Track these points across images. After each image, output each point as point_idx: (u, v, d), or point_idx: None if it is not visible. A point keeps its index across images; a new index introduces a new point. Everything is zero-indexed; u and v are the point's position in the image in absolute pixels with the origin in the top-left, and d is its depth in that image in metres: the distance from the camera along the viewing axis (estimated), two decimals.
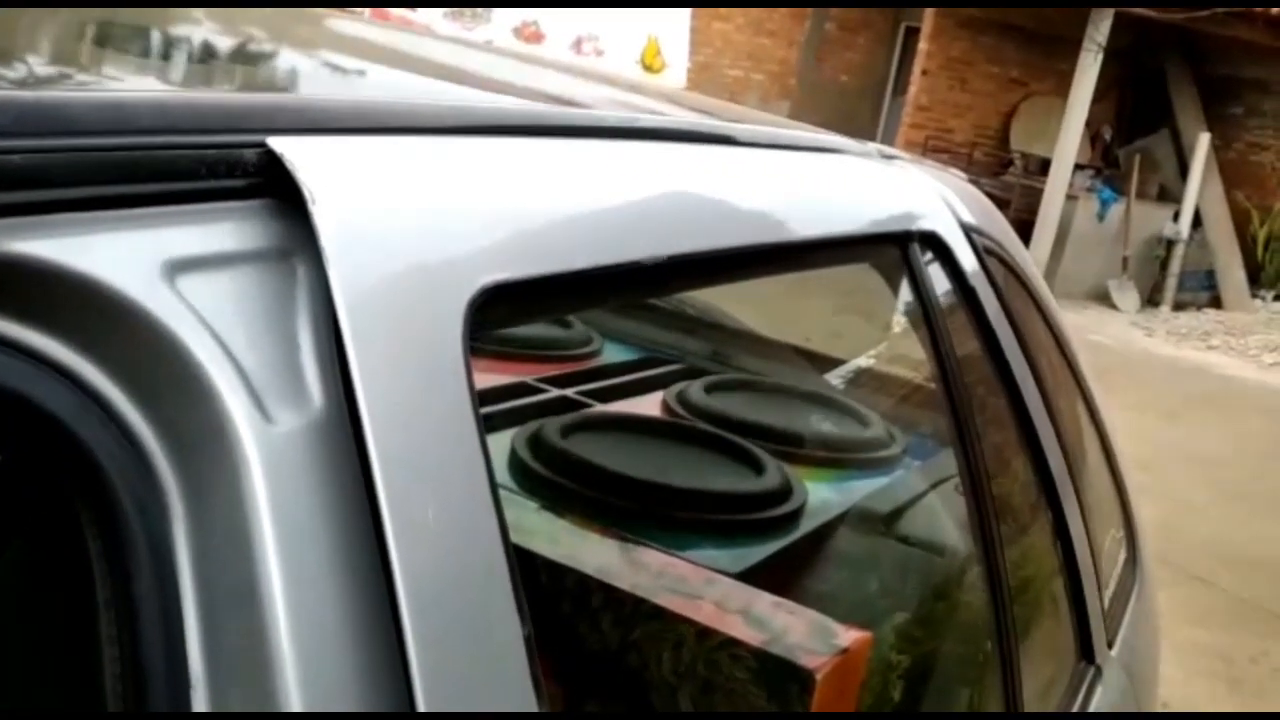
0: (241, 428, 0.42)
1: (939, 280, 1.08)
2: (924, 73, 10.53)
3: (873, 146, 1.19)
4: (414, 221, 0.50)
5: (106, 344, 0.42)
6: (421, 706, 0.43)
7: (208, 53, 0.73)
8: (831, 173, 1.01)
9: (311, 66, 0.75)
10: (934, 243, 1.07)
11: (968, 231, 1.16)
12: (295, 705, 0.41)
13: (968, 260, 1.13)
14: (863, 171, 1.09)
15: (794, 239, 0.81)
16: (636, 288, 0.66)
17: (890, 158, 1.20)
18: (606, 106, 0.90)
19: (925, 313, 1.03)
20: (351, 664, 0.43)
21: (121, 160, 0.43)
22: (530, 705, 0.48)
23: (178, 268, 0.43)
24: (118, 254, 0.42)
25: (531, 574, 1.13)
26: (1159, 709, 1.74)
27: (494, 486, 0.48)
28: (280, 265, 0.47)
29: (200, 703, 0.41)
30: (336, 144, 0.50)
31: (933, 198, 1.14)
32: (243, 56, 0.74)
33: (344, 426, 0.45)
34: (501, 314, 0.53)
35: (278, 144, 0.47)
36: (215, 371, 0.43)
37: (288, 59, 0.77)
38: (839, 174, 1.03)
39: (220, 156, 0.46)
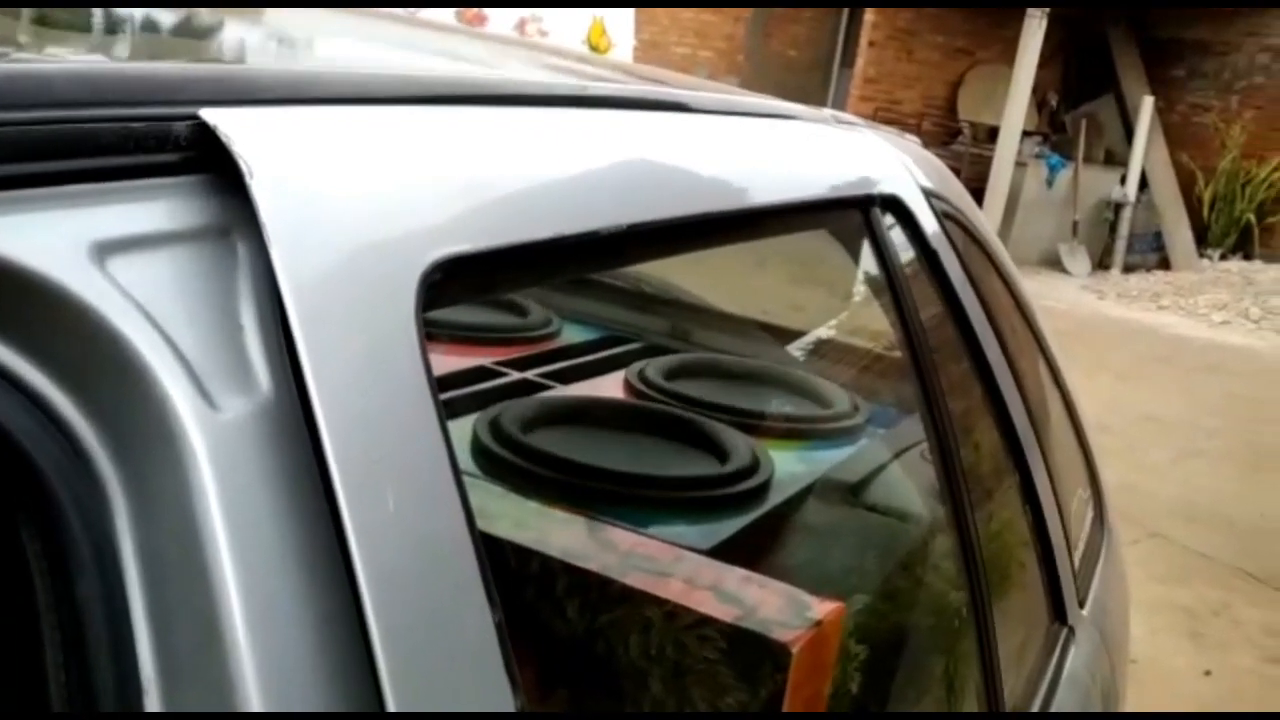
0: (185, 417, 0.40)
1: (901, 244, 1.06)
2: (870, 44, 10.55)
3: (828, 112, 1.18)
4: (360, 195, 0.48)
5: (32, 332, 0.39)
6: (390, 704, 0.41)
7: (148, 27, 0.70)
8: (790, 138, 1.00)
9: (252, 40, 0.71)
10: (895, 206, 1.06)
11: (927, 195, 1.15)
12: (254, 707, 0.39)
13: (929, 223, 1.12)
14: (820, 136, 1.08)
15: (755, 205, 0.79)
16: (595, 258, 0.64)
17: (846, 122, 1.18)
18: (556, 76, 0.88)
19: (889, 276, 1.02)
20: (314, 662, 0.40)
21: (40, 135, 0.40)
22: (505, 696, 0.46)
23: (107, 249, 0.40)
24: (40, 235, 0.39)
25: (499, 559, 1.11)
26: (1129, 665, 1.76)
27: (456, 468, 0.46)
28: (219, 245, 0.44)
29: (153, 707, 0.38)
30: (274, 115, 0.47)
31: (891, 161, 1.13)
32: (183, 30, 0.70)
33: (294, 412, 0.42)
34: (456, 289, 0.51)
35: (211, 115, 0.44)
36: (153, 358, 0.40)
37: (229, 33, 0.73)
38: (797, 139, 1.01)
39: (149, 129, 0.43)
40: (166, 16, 0.74)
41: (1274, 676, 3.50)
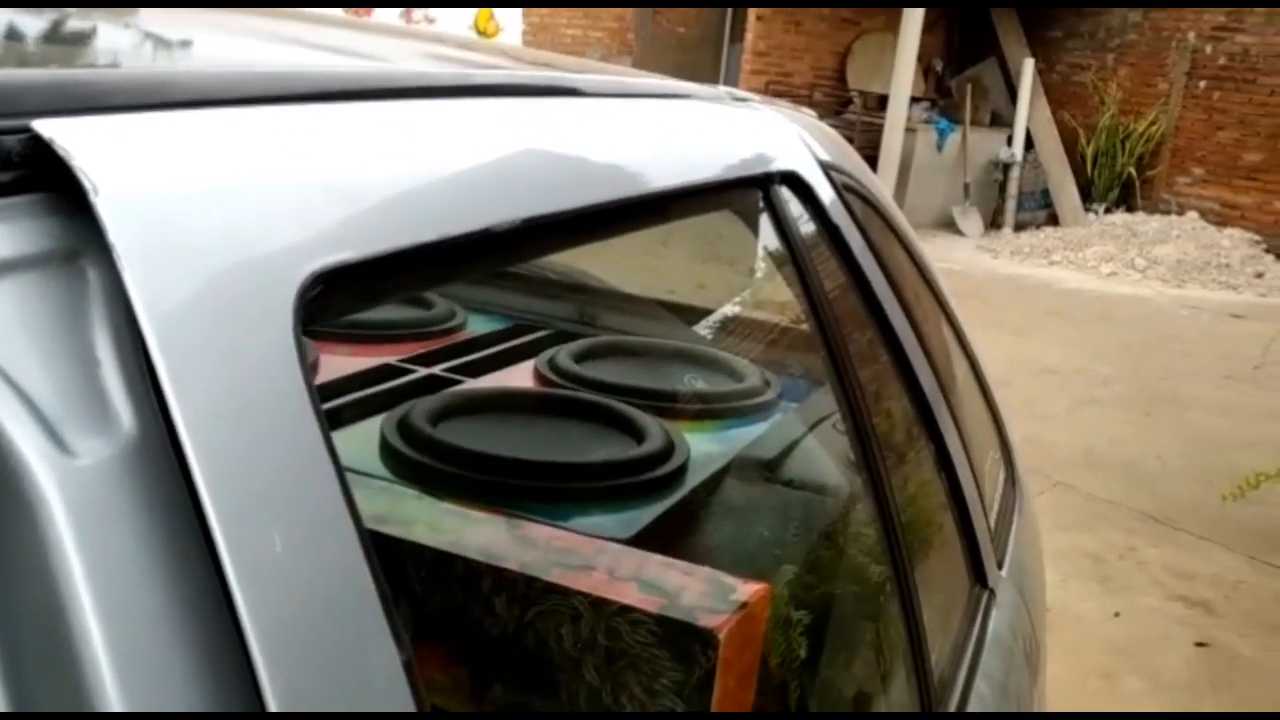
0: (34, 465, 0.35)
1: (802, 219, 1.05)
2: (759, 18, 10.61)
3: (723, 90, 1.16)
4: (225, 207, 0.43)
5: None
6: None
7: None
8: (685, 119, 0.97)
9: (103, 42, 0.66)
10: (794, 182, 1.05)
11: (825, 169, 1.14)
12: None
13: (828, 197, 1.11)
14: (716, 115, 1.05)
15: (654, 190, 0.76)
16: (488, 257, 0.60)
17: (741, 100, 1.17)
18: (437, 65, 0.84)
19: (791, 252, 1.00)
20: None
21: None
22: None
23: None
24: None
25: (417, 564, 1.08)
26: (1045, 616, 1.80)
27: (348, 494, 0.42)
28: (65, 270, 0.39)
29: None
30: (121, 123, 0.42)
31: (789, 137, 1.11)
32: (20, 35, 0.65)
33: (164, 452, 0.38)
34: (338, 301, 0.47)
35: (46, 127, 0.40)
36: None
37: (79, 36, 0.68)
38: (692, 120, 0.99)
39: None
40: (11, 18, 0.68)
41: (1179, 613, 3.64)
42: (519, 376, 1.65)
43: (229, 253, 0.42)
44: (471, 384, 1.59)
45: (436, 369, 1.61)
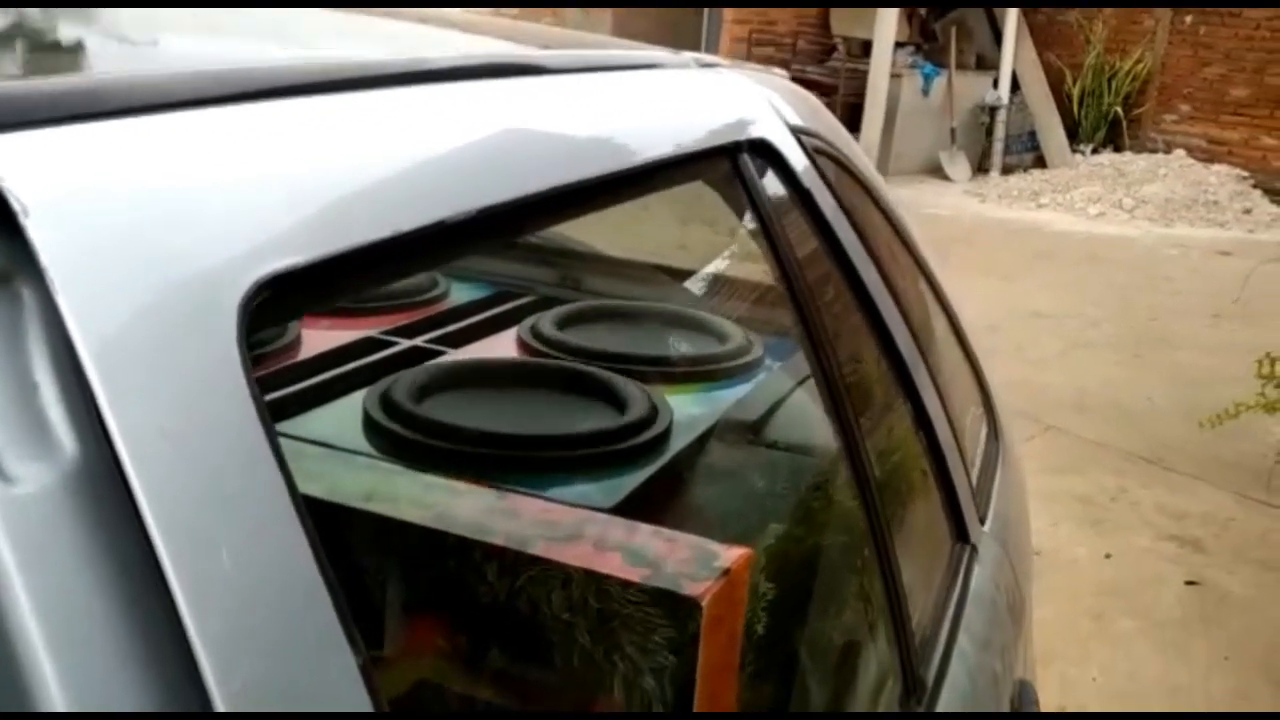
0: None
1: (773, 187, 1.04)
2: None
3: (689, 56, 1.14)
4: (161, 219, 0.43)
5: None
6: None
7: None
8: (651, 90, 0.96)
9: (36, 49, 0.65)
10: (764, 150, 1.04)
11: (796, 134, 1.13)
12: None
13: (799, 162, 1.10)
14: (683, 85, 1.04)
15: (621, 167, 0.76)
16: (449, 249, 0.60)
17: (709, 65, 1.15)
18: (388, 50, 0.83)
19: (762, 221, 1.00)
20: None
21: None
22: None
23: None
24: None
25: (401, 540, 1.09)
26: (1033, 559, 1.81)
27: (299, 507, 0.42)
28: None
29: None
30: (48, 137, 0.42)
31: (758, 103, 1.10)
32: None
33: (107, 475, 0.38)
34: (287, 307, 0.46)
35: None
36: None
37: (12, 44, 0.67)
38: (659, 91, 0.98)
39: None
40: None
41: (1170, 552, 3.68)
42: (502, 345, 1.65)
43: (167, 266, 0.42)
44: (454, 355, 1.59)
45: (419, 340, 1.61)
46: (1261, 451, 4.25)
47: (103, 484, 0.38)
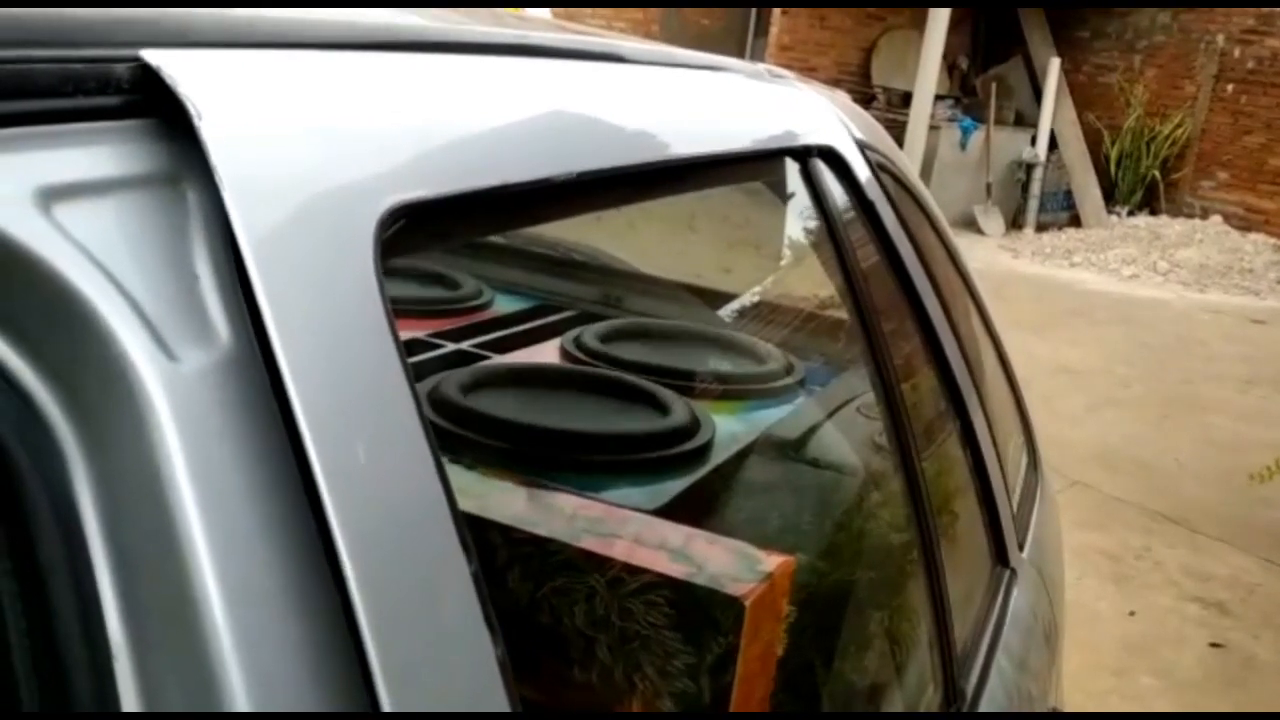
0: (143, 369, 0.38)
1: (838, 193, 1.07)
2: (784, 13, 10.60)
3: (761, 66, 1.17)
4: (312, 139, 0.46)
5: None
6: (375, 666, 0.39)
7: None
8: (727, 90, 0.99)
9: None
10: (831, 157, 1.06)
11: (861, 147, 1.16)
12: (231, 669, 0.37)
13: (864, 174, 1.12)
14: (755, 89, 1.07)
15: (704, 153, 0.78)
16: (546, 206, 0.63)
17: (779, 76, 1.18)
18: (499, 28, 0.86)
19: (828, 225, 1.02)
20: (289, 617, 0.39)
21: None
22: (485, 646, 0.44)
23: (52, 195, 0.38)
24: None
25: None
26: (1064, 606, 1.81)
27: (423, 415, 0.44)
28: (168, 191, 0.42)
29: (124, 673, 0.36)
30: (219, 58, 0.45)
31: (826, 113, 1.13)
32: None
33: (256, 363, 0.40)
34: (412, 236, 0.49)
35: (154, 57, 0.42)
36: (107, 308, 0.38)
37: None
38: (734, 91, 1.01)
39: (89, 71, 0.40)
40: None
41: (1193, 614, 3.64)
42: (545, 354, 1.67)
43: (317, 184, 0.44)
44: (500, 359, 1.61)
45: (465, 344, 1.63)
46: None
47: (254, 372, 0.40)
